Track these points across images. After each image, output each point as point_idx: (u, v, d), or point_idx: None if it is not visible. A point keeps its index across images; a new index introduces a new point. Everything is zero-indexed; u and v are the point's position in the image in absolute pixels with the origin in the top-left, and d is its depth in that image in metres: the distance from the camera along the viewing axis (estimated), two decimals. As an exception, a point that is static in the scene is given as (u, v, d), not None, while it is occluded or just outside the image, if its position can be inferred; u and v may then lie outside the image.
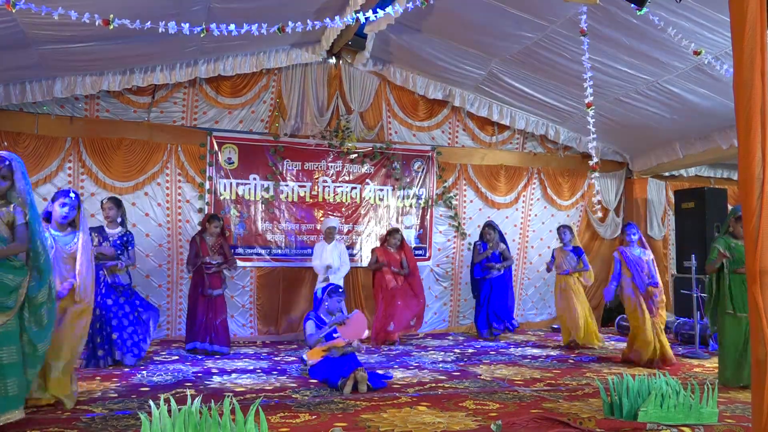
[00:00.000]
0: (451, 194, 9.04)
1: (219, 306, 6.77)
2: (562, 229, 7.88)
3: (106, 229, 6.02)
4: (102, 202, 6.24)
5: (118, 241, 6.02)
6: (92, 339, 5.69)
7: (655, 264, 6.44)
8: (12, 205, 3.68)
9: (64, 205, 4.40)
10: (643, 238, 6.58)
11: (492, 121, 9.19)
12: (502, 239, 8.42)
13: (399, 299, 7.65)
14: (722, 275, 5.37)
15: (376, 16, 4.80)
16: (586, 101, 5.45)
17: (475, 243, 8.49)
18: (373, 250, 7.99)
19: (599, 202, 6.00)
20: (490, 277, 8.15)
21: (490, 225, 8.35)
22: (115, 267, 5.92)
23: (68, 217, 4.41)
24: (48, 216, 4.45)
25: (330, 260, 7.46)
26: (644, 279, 6.25)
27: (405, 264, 7.81)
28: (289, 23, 4.86)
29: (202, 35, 4.66)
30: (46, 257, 3.79)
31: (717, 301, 5.42)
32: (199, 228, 7.38)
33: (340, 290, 5.85)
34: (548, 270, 8.09)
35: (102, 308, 5.79)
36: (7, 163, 3.66)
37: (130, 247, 6.09)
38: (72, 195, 4.45)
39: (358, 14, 4.84)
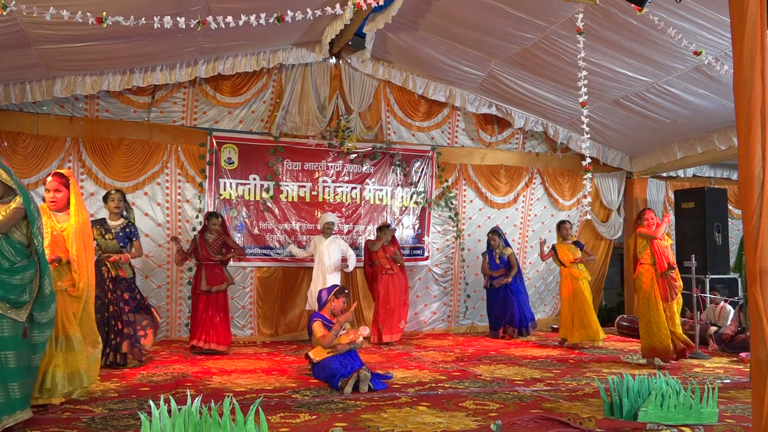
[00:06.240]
0: (452, 194, 9.04)
1: (219, 303, 6.74)
2: (566, 224, 7.89)
3: (108, 221, 5.89)
4: (110, 193, 6.02)
5: (121, 233, 5.88)
6: (105, 334, 5.55)
7: (671, 249, 6.38)
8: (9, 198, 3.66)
9: (47, 191, 4.41)
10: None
11: (492, 121, 9.19)
12: (507, 244, 8.58)
13: (392, 295, 7.69)
14: None
15: (377, 3, 4.78)
16: (581, 100, 5.41)
17: (483, 253, 8.65)
18: (368, 241, 8.08)
19: (590, 204, 5.86)
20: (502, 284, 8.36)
21: (494, 231, 8.54)
22: (120, 261, 5.76)
23: (57, 202, 4.41)
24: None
25: (326, 255, 7.47)
26: (665, 264, 6.20)
27: (398, 254, 7.91)
28: (288, 12, 4.82)
29: (198, 29, 4.62)
30: (42, 245, 3.76)
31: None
32: (200, 227, 7.39)
33: (346, 291, 5.85)
34: (543, 257, 8.06)
35: (110, 303, 5.72)
36: None
37: (134, 239, 5.96)
38: (48, 179, 4.45)
39: (358, 1, 4.80)
